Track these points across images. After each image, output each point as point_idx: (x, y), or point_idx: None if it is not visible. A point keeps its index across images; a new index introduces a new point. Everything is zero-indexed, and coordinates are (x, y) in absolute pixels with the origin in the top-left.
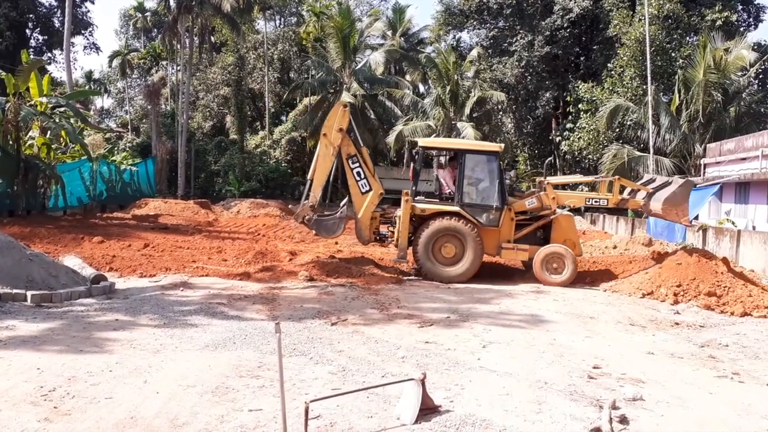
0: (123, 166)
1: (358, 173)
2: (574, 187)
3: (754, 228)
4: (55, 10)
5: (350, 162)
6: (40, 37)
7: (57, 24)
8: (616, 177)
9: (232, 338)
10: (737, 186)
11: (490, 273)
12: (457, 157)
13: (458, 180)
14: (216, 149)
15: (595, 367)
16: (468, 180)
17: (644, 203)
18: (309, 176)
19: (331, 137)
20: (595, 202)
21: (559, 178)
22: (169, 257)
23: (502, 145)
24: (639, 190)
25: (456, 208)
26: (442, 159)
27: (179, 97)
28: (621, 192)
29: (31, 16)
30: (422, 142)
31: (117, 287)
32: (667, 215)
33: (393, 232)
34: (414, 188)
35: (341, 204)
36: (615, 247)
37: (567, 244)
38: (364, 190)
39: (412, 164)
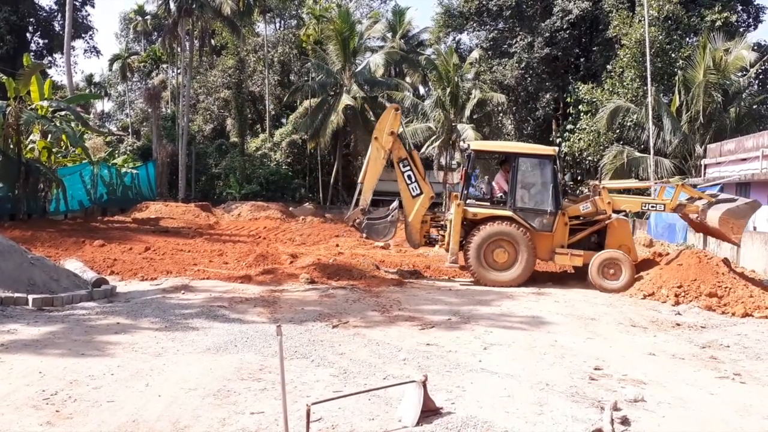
0: (124, 170)
1: (409, 176)
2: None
3: (755, 228)
4: (56, 13)
5: (401, 165)
6: (41, 41)
7: (57, 28)
8: (680, 183)
9: (233, 341)
10: (738, 186)
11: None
12: (509, 160)
13: (511, 184)
14: (216, 152)
15: (596, 369)
16: (521, 184)
17: (702, 210)
18: (359, 180)
19: (383, 140)
20: (652, 207)
21: (616, 183)
22: (170, 260)
23: (557, 148)
24: (700, 198)
25: (509, 213)
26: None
27: (180, 100)
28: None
29: (31, 20)
30: (474, 145)
31: (118, 291)
32: (722, 226)
33: (443, 236)
34: (465, 192)
35: (391, 207)
36: None
37: (622, 249)
38: (414, 194)
39: (463, 168)
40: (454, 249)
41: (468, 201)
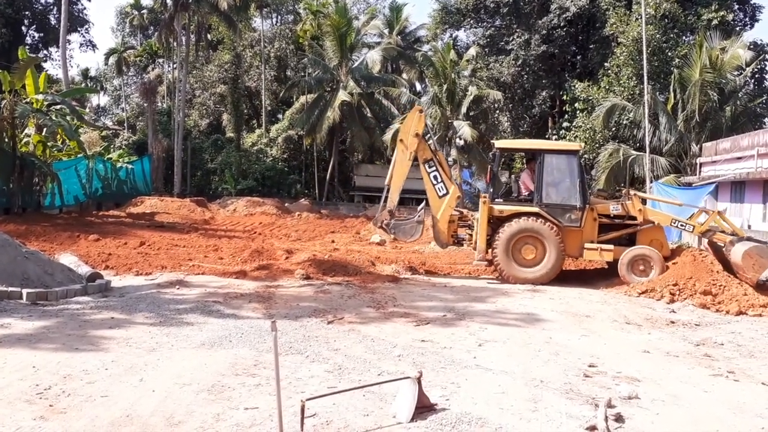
0: (119, 164)
1: (435, 177)
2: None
3: (749, 227)
4: (51, 7)
5: (427, 166)
6: (36, 35)
7: (53, 21)
8: (717, 210)
9: (228, 336)
10: (733, 185)
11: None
12: (535, 157)
13: (537, 180)
14: (212, 147)
15: (590, 366)
16: (547, 180)
17: (730, 241)
18: (386, 182)
19: (408, 142)
20: (681, 226)
21: (648, 195)
22: (165, 255)
23: (582, 143)
24: (733, 232)
25: (535, 209)
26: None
27: (175, 94)
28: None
29: (27, 13)
30: (499, 143)
31: (113, 285)
32: (744, 260)
33: (471, 235)
34: (491, 190)
35: (419, 208)
36: None
37: (654, 244)
38: (441, 194)
39: (489, 167)
40: (481, 247)
41: (495, 200)
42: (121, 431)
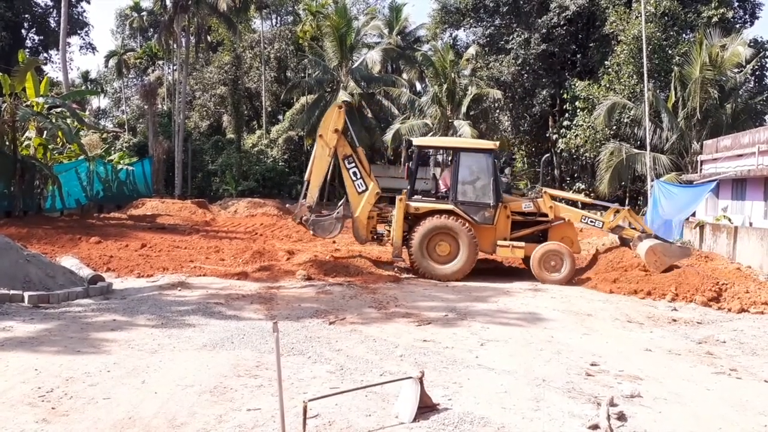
0: (120, 166)
1: (354, 173)
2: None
3: (750, 224)
4: (51, 10)
5: (346, 162)
6: (36, 38)
7: (53, 24)
8: (627, 208)
9: (230, 338)
10: (734, 182)
11: (491, 272)
12: (452, 155)
13: (452, 178)
14: (213, 149)
15: (592, 364)
16: (462, 178)
17: (638, 237)
18: (306, 177)
19: (327, 138)
20: (591, 222)
21: (559, 193)
22: (166, 257)
23: (497, 143)
24: (643, 230)
25: (450, 206)
26: (440, 158)
27: (176, 96)
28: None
29: (26, 16)
30: (416, 141)
31: (114, 287)
32: (647, 255)
33: (389, 231)
34: (409, 187)
35: (338, 204)
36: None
37: (564, 241)
38: (360, 190)
39: (407, 164)
40: (398, 243)
41: (414, 197)
42: None
